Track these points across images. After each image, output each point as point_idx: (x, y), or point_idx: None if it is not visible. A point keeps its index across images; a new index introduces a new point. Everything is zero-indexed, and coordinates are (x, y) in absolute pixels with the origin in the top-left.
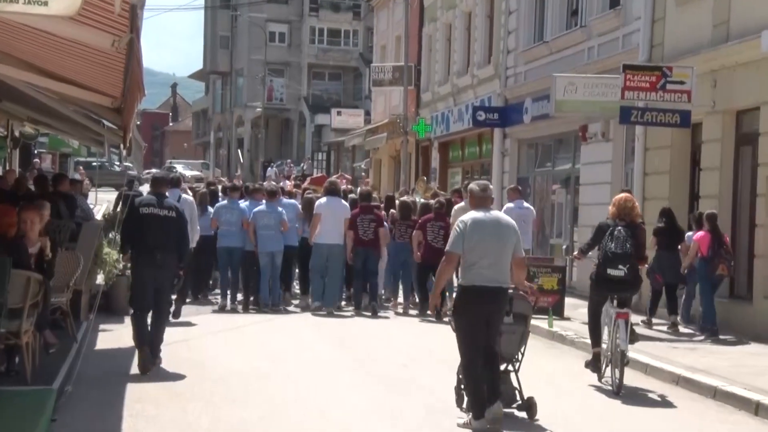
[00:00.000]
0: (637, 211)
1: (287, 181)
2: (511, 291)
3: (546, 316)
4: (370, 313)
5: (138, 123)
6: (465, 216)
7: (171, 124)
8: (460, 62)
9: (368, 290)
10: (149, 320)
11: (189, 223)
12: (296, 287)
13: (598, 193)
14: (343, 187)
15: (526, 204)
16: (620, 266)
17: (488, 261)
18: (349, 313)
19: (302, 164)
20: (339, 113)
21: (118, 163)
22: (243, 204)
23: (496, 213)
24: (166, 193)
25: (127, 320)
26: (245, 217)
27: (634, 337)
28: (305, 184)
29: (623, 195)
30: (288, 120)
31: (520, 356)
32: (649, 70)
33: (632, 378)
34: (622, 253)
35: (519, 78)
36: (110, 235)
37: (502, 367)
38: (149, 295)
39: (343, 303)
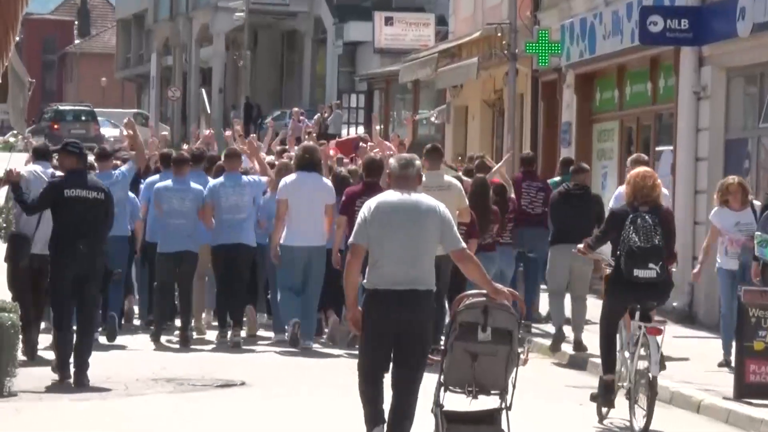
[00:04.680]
0: (660, 191)
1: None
2: (483, 299)
3: None
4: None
5: (17, 40)
6: (371, 199)
7: (78, 41)
8: None
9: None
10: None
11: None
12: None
13: None
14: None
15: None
16: (651, 264)
17: (395, 256)
18: (337, 352)
19: (322, 114)
20: (389, 21)
21: None
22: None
23: (416, 196)
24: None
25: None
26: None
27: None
28: (330, 150)
29: (641, 170)
30: (294, 34)
31: (510, 388)
32: None
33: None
34: (651, 248)
35: None
36: None
37: (493, 404)
38: (70, 299)
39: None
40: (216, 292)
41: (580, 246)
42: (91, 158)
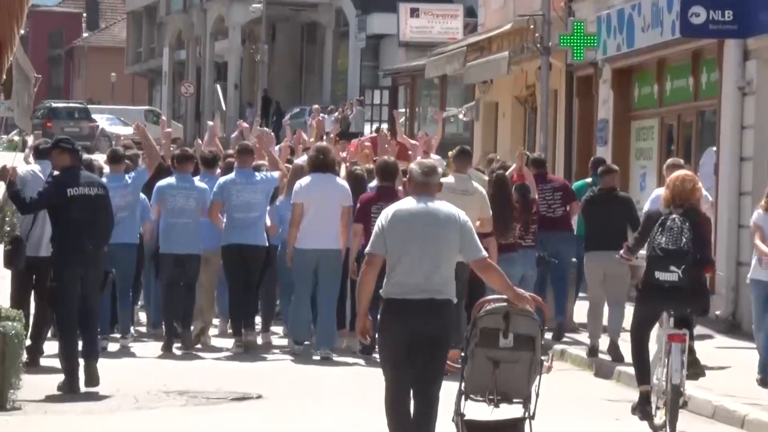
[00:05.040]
0: (700, 195)
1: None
2: (504, 304)
3: None
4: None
5: (23, 33)
6: (389, 207)
7: (86, 35)
8: None
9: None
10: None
11: None
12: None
13: None
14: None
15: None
16: (673, 267)
17: (412, 265)
18: (353, 361)
19: (341, 110)
20: (414, 13)
21: None
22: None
23: (435, 203)
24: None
25: None
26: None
27: (698, 370)
28: (351, 147)
29: (680, 173)
30: (314, 27)
31: (534, 396)
32: None
33: None
34: (675, 250)
35: None
36: None
37: (515, 413)
38: (76, 304)
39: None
40: (228, 297)
41: (622, 252)
42: (91, 156)
